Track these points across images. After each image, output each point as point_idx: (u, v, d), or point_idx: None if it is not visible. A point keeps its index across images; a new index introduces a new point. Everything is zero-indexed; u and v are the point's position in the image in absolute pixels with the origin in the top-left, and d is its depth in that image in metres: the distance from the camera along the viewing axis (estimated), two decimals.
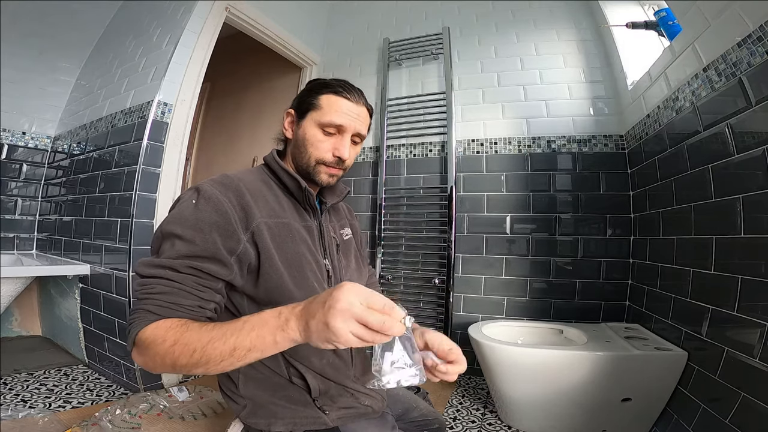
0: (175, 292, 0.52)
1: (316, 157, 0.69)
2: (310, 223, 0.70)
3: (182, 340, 0.47)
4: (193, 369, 0.47)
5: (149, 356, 0.49)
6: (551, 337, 1.59)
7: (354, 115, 0.69)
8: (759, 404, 0.88)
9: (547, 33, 2.02)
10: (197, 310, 0.54)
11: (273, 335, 0.45)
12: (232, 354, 0.45)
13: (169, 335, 0.48)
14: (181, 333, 0.48)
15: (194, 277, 0.54)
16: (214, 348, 0.45)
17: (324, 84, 0.71)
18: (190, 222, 0.56)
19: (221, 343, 0.45)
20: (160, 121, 1.59)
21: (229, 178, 0.62)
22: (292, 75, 2.68)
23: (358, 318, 0.41)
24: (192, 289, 0.54)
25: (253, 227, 0.59)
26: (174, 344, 0.47)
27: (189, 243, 0.54)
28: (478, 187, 2.00)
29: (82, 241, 1.80)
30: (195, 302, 0.53)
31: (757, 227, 0.94)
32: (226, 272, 0.56)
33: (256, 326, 0.46)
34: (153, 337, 0.48)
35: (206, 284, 0.55)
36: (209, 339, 0.46)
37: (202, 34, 1.74)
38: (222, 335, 0.46)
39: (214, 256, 0.55)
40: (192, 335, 0.47)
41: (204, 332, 0.47)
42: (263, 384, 0.64)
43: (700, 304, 1.14)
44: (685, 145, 1.25)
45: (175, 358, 0.46)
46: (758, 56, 0.93)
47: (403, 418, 0.81)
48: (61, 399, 1.43)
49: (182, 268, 0.53)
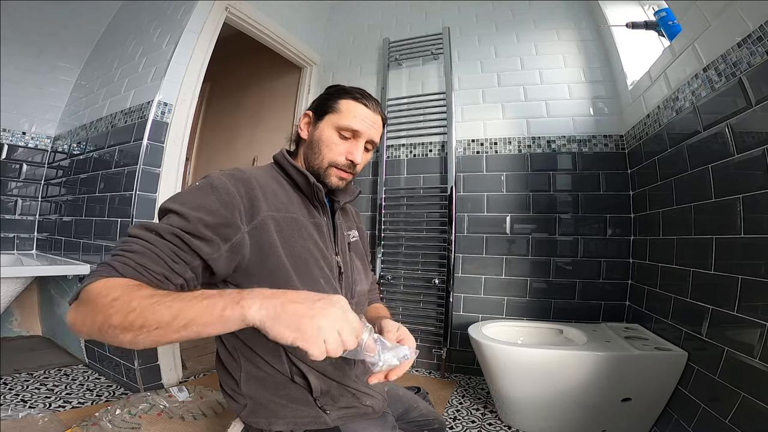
0: (147, 255, 0.50)
1: (329, 159, 0.70)
2: (320, 220, 0.70)
3: (125, 297, 0.43)
4: (122, 334, 0.42)
5: (84, 312, 0.45)
6: (551, 337, 1.59)
7: (370, 122, 0.71)
8: (759, 404, 0.88)
9: (547, 33, 2.03)
10: (161, 279, 0.51)
11: (223, 308, 0.42)
12: (171, 323, 0.41)
13: (115, 291, 0.44)
14: (129, 291, 0.44)
15: (174, 246, 0.52)
16: (154, 311, 0.42)
17: (344, 90, 0.73)
18: (189, 203, 0.56)
19: (165, 307, 0.42)
20: (160, 121, 1.59)
21: (241, 171, 0.63)
22: (292, 75, 2.67)
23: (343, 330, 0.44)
24: (166, 256, 0.51)
25: (257, 220, 0.60)
26: (115, 299, 0.43)
27: (182, 218, 0.54)
28: (478, 187, 2.00)
29: (82, 241, 1.80)
30: (163, 270, 0.51)
31: (757, 227, 0.94)
32: (208, 251, 0.54)
33: (209, 296, 0.43)
34: (99, 290, 0.45)
35: (182, 256, 0.53)
36: (155, 301, 0.43)
37: (202, 34, 1.74)
38: (170, 300, 0.43)
39: (203, 236, 0.54)
40: (138, 294, 0.44)
41: (154, 296, 0.44)
42: (265, 383, 0.64)
43: (700, 304, 1.15)
44: (685, 145, 1.25)
45: (109, 315, 0.42)
46: (758, 56, 0.93)
47: (404, 418, 0.82)
48: (61, 399, 1.43)
49: (166, 234, 0.52)
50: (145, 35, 1.87)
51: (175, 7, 1.80)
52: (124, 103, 1.74)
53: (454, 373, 1.93)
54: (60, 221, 2.01)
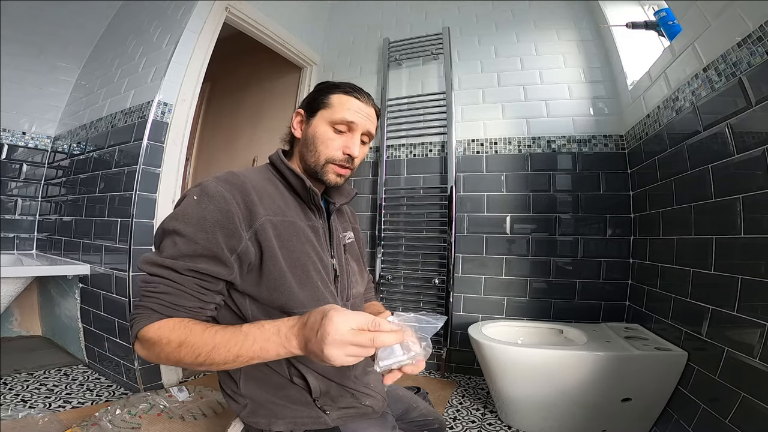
0: (176, 293, 0.54)
1: (326, 156, 0.69)
2: (316, 223, 0.70)
3: (187, 343, 0.50)
4: (197, 368, 0.51)
5: (153, 353, 0.53)
6: (551, 337, 1.59)
7: (364, 114, 0.71)
8: (759, 404, 0.88)
9: (547, 33, 2.02)
10: (198, 311, 0.56)
11: (276, 350, 0.49)
12: (235, 360, 0.49)
13: (173, 337, 0.51)
14: (186, 335, 0.51)
15: (195, 279, 0.55)
16: (218, 354, 0.49)
17: (334, 85, 0.73)
18: (192, 220, 0.56)
19: (225, 350, 0.49)
20: (160, 121, 1.59)
21: (235, 175, 0.62)
22: (292, 75, 2.67)
23: (350, 342, 0.45)
24: (193, 291, 0.55)
25: (256, 225, 0.59)
26: (179, 346, 0.50)
27: (190, 241, 0.55)
28: (478, 187, 2.00)
29: (82, 241, 1.80)
30: (196, 304, 0.56)
31: (757, 227, 0.94)
32: (227, 272, 0.57)
33: (258, 340, 0.49)
34: (158, 337, 0.51)
35: (207, 286, 0.56)
36: (213, 346, 0.49)
37: (202, 34, 1.74)
38: (225, 343, 0.49)
39: (216, 256, 0.56)
40: (196, 339, 0.50)
41: (207, 337, 0.50)
42: (264, 383, 0.64)
43: (700, 304, 1.15)
44: (685, 145, 1.25)
45: (180, 357, 0.50)
46: (758, 56, 0.93)
47: (404, 418, 0.82)
48: (61, 399, 1.43)
49: (183, 270, 0.54)
50: (145, 35, 1.87)
51: (175, 7, 1.80)
52: (124, 103, 1.74)
53: (454, 373, 1.93)
54: (60, 221, 2.01)
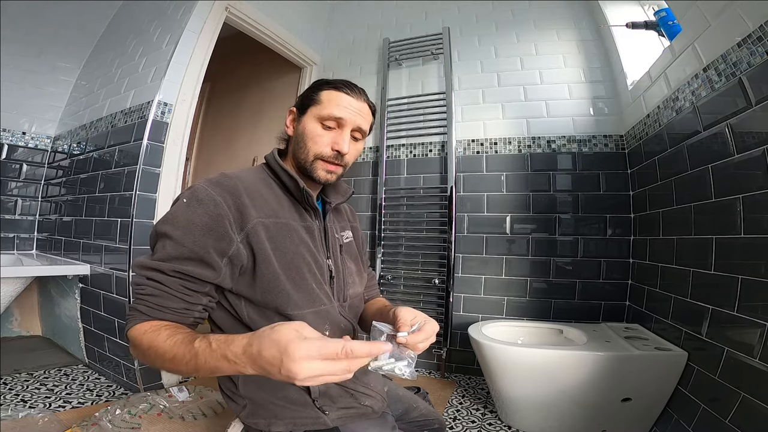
0: (162, 295, 0.55)
1: (314, 152, 0.68)
2: (311, 224, 0.69)
3: (154, 347, 0.51)
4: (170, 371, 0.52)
5: (136, 353, 0.56)
6: (551, 337, 1.59)
7: (354, 109, 0.69)
8: (759, 404, 0.88)
9: (547, 33, 2.02)
10: (183, 312, 0.57)
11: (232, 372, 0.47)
12: (197, 373, 0.49)
13: (144, 339, 0.52)
14: (152, 340, 0.52)
15: (180, 280, 0.56)
16: (179, 365, 0.49)
17: (326, 81, 0.72)
18: (181, 223, 0.56)
19: (183, 363, 0.49)
20: (160, 121, 1.59)
21: (227, 177, 0.62)
22: (292, 75, 2.67)
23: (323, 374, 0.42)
24: (177, 292, 0.56)
25: (248, 228, 0.59)
26: (148, 349, 0.52)
27: (178, 244, 0.56)
28: (478, 187, 2.00)
29: (82, 241, 1.80)
30: (181, 305, 0.56)
31: (757, 227, 0.94)
32: (213, 275, 0.57)
33: (209, 361, 0.46)
34: (135, 337, 0.54)
35: (192, 287, 0.57)
36: (173, 356, 0.49)
37: (202, 34, 1.74)
38: (182, 357, 0.48)
39: (202, 259, 0.56)
40: (160, 346, 0.50)
41: (168, 347, 0.50)
42: (263, 384, 0.64)
43: (700, 304, 1.15)
44: (685, 145, 1.25)
45: (151, 361, 0.52)
46: (758, 56, 0.93)
47: (403, 418, 0.82)
48: (61, 399, 1.43)
49: (169, 271, 0.55)
50: (145, 35, 1.87)
51: (175, 7, 1.80)
52: (124, 103, 1.74)
53: (454, 373, 1.93)
54: (60, 221, 2.01)
